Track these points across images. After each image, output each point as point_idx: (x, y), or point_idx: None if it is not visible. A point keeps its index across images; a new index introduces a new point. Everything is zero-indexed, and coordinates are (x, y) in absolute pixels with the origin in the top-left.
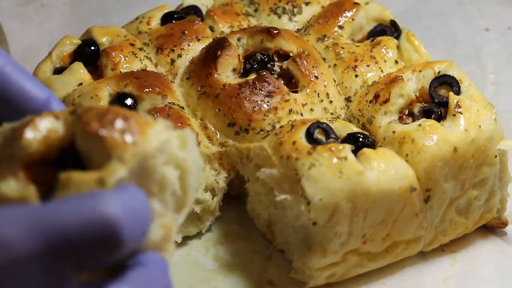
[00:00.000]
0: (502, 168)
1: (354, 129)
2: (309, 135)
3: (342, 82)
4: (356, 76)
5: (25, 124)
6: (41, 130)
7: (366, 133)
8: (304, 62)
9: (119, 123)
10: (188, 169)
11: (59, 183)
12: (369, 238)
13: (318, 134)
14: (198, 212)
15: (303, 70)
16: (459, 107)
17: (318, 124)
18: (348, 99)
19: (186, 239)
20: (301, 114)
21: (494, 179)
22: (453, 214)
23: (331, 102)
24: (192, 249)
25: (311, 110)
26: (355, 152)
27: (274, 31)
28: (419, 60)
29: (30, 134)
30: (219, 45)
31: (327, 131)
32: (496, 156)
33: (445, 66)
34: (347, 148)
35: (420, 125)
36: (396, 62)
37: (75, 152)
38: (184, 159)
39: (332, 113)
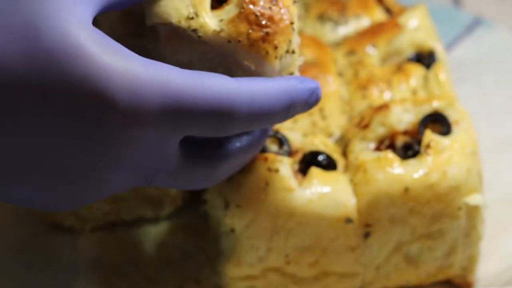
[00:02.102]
0: (471, 224)
1: (322, 148)
2: None
3: (351, 101)
4: (363, 97)
5: None
6: None
7: (331, 154)
8: (302, 70)
9: None
10: None
11: None
12: (293, 260)
13: (270, 142)
14: (152, 195)
15: None
16: (428, 147)
17: (273, 133)
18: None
19: (143, 222)
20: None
21: (456, 233)
22: (399, 259)
23: (324, 117)
24: (143, 233)
25: (295, 120)
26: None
27: None
28: (441, 95)
29: None
30: None
31: (282, 142)
32: (460, 209)
33: (445, 104)
34: (284, 162)
35: (378, 156)
36: (415, 92)
37: None
38: None
39: (322, 129)
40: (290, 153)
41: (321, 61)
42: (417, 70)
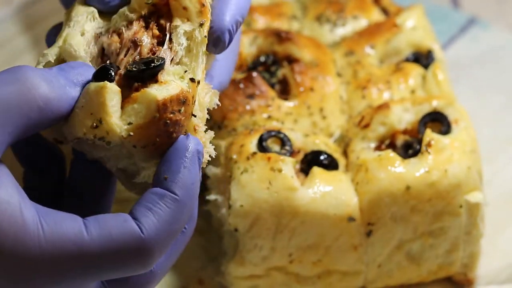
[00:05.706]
0: (472, 222)
1: (323, 147)
2: (260, 141)
3: (350, 101)
4: (363, 97)
5: None
6: None
7: (332, 154)
8: (302, 71)
9: None
10: None
11: None
12: (297, 259)
13: (272, 143)
14: None
15: (297, 79)
16: (429, 146)
17: (275, 133)
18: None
19: None
20: (282, 123)
21: (457, 230)
22: (401, 257)
23: (324, 118)
24: None
25: (295, 121)
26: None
27: (283, 36)
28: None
29: None
30: None
31: (284, 142)
32: (461, 207)
33: (444, 103)
34: (287, 161)
35: (380, 155)
36: (414, 91)
37: None
38: None
39: (322, 129)
40: (292, 153)
41: (321, 62)
42: (415, 70)
